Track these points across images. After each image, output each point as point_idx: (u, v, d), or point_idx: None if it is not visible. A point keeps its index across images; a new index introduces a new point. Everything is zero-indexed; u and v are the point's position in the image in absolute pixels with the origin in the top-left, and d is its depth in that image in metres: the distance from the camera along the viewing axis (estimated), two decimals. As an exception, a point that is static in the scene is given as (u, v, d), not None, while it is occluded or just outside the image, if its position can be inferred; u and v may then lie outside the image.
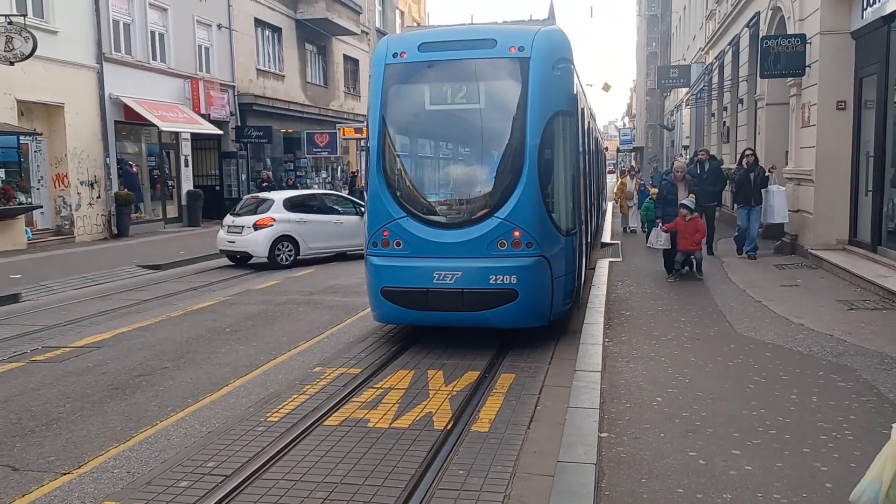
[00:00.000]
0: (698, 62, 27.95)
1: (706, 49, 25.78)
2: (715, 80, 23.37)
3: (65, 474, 4.85)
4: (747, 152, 13.22)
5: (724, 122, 21.82)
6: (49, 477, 4.81)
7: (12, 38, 15.94)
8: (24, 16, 16.52)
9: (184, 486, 4.57)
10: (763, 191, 12.92)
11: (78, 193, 19.41)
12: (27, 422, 5.88)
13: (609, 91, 58.47)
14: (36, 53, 16.30)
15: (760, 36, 14.77)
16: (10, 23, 15.88)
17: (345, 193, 34.18)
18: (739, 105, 19.14)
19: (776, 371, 6.33)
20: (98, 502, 4.41)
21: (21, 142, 17.80)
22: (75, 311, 10.57)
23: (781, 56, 12.97)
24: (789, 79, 13.47)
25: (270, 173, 26.99)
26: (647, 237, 14.43)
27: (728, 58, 20.74)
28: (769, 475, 4.29)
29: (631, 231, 19.14)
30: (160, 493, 4.47)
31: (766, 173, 12.89)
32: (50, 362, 7.71)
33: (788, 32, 13.61)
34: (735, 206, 13.82)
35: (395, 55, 8.15)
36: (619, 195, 20.21)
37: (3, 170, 17.20)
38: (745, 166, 12.85)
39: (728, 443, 4.78)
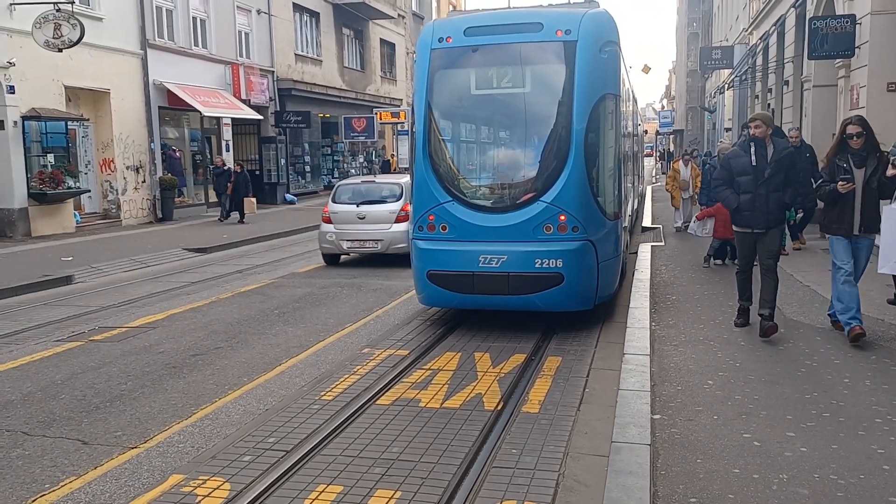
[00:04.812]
0: (742, 43, 27.47)
1: (750, 30, 25.32)
2: (759, 61, 22.98)
3: (132, 448, 5.04)
4: (850, 128, 6.72)
5: (769, 104, 21.46)
6: (118, 451, 5.00)
7: (61, 25, 16.26)
8: (73, 3, 16.82)
9: (247, 460, 4.72)
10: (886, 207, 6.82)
11: (124, 178, 19.83)
12: (92, 398, 6.10)
13: (649, 73, 57.66)
14: (82, 40, 16.63)
15: (808, 16, 14.50)
16: (59, 10, 16.20)
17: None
18: (785, 87, 18.82)
19: (827, 355, 6.29)
20: (166, 475, 4.58)
21: (69, 127, 18.21)
22: (127, 293, 10.85)
23: (829, 37, 12.73)
24: (837, 60, 13.22)
25: (224, 158, 22.41)
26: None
27: (773, 39, 20.37)
28: (825, 457, 4.31)
29: (684, 227, 14.85)
30: (225, 466, 4.63)
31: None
32: (108, 342, 7.96)
33: (837, 13, 13.35)
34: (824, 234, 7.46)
35: (440, 40, 8.17)
36: (670, 184, 16.00)
37: (52, 155, 17.62)
38: (846, 158, 6.74)
39: (782, 425, 4.79)
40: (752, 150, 6.89)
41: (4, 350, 7.76)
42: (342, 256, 13.18)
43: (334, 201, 12.85)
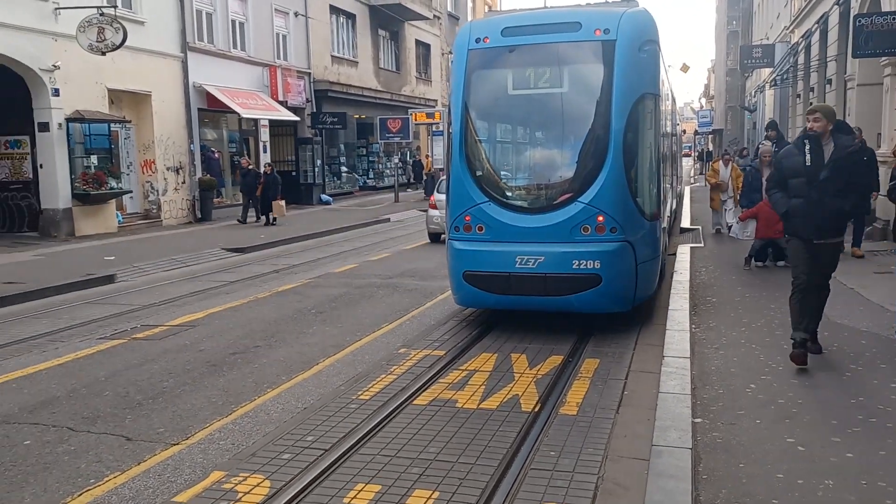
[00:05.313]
0: (783, 41, 27.02)
1: (791, 28, 24.89)
2: (801, 60, 22.57)
3: (174, 445, 5.12)
4: None
5: (811, 103, 21.07)
6: (160, 447, 5.09)
7: (104, 28, 16.57)
8: (115, 7, 17.15)
9: (286, 458, 4.77)
10: None
11: (164, 179, 20.16)
12: (135, 395, 6.21)
13: (687, 72, 56.70)
14: (125, 44, 16.93)
15: (852, 14, 14.19)
16: (102, 14, 16.50)
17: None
18: (827, 86, 18.47)
19: (873, 359, 6.15)
20: (207, 472, 4.64)
21: (112, 129, 18.53)
22: (168, 292, 11.03)
23: (875, 34, 12.44)
24: (883, 58, 12.92)
25: (248, 159, 22.18)
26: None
27: (816, 37, 20.00)
28: (872, 463, 4.21)
29: (728, 230, 14.43)
30: (265, 464, 4.68)
31: None
32: (149, 340, 8.10)
33: (883, 10, 13.05)
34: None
35: (478, 40, 8.16)
36: (712, 180, 15.42)
37: (96, 156, 17.92)
38: None
39: (827, 430, 4.70)
40: (807, 148, 5.91)
41: (50, 347, 7.93)
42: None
43: (438, 192, 15.58)
